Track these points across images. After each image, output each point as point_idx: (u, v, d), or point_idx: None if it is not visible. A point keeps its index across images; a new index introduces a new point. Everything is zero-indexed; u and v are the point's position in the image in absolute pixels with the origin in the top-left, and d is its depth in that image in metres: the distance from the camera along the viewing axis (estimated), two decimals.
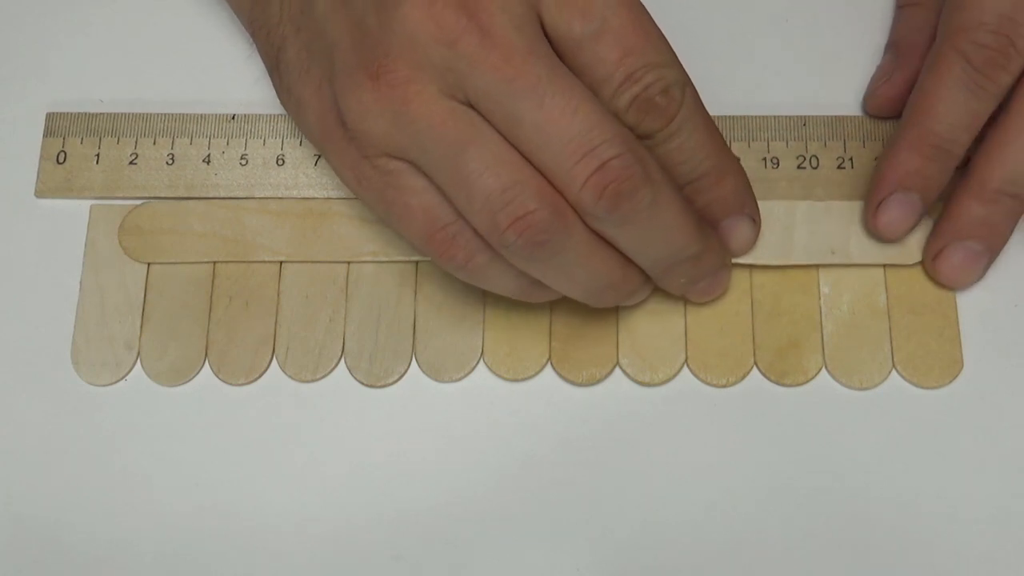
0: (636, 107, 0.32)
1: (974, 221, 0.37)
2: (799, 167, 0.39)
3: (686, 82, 0.33)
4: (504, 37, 0.31)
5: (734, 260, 0.38)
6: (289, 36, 0.35)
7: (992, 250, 0.38)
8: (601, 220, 0.32)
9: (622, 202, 0.31)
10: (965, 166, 0.38)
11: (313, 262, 0.39)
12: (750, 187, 0.36)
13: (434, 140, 0.31)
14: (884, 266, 0.38)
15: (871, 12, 0.42)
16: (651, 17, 0.33)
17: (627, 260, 0.34)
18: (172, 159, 0.40)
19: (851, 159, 0.39)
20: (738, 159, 0.36)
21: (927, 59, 0.37)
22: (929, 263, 0.38)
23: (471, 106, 0.31)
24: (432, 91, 0.31)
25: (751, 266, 0.38)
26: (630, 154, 0.31)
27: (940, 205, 0.38)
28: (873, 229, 0.38)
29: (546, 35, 0.32)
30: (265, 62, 0.37)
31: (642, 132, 0.33)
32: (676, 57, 0.33)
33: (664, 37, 0.33)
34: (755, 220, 0.37)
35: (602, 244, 0.33)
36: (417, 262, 0.39)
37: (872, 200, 0.38)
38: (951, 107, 0.36)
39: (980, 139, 0.37)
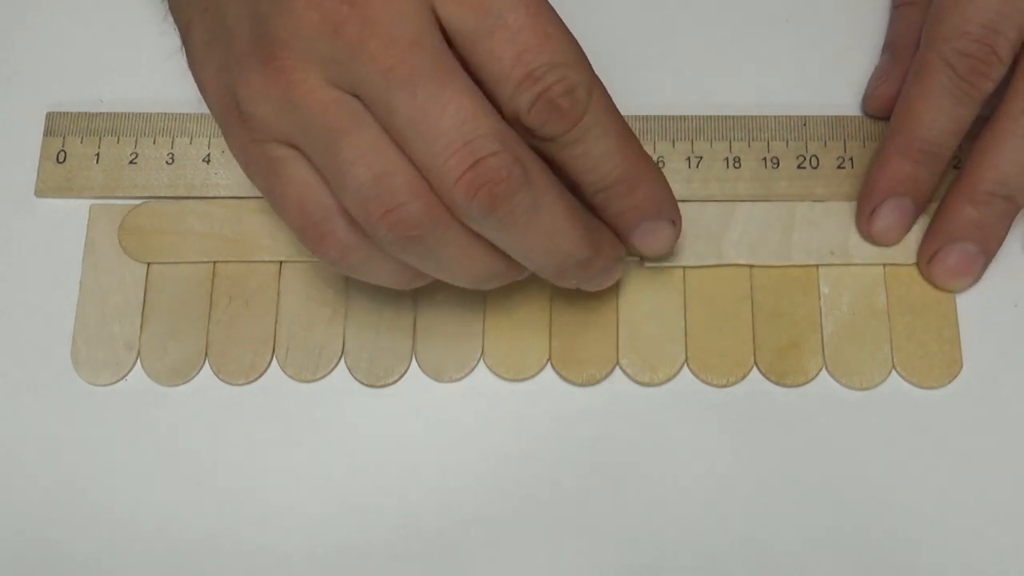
0: (538, 108, 0.30)
1: (967, 223, 0.37)
2: (799, 167, 0.39)
3: (593, 84, 0.31)
4: (385, 27, 0.30)
5: (734, 262, 0.38)
6: (195, 18, 0.35)
7: (987, 252, 0.38)
8: (476, 221, 0.31)
9: (497, 205, 0.30)
10: (959, 167, 0.38)
11: (313, 262, 0.39)
12: (669, 190, 0.34)
13: (315, 127, 0.31)
14: (884, 265, 0.38)
15: (871, 12, 0.42)
16: (556, 16, 0.31)
17: None
18: (172, 158, 0.40)
19: (851, 159, 0.39)
20: (655, 163, 0.34)
21: (912, 66, 0.38)
22: (924, 266, 0.38)
23: (356, 97, 0.31)
24: (317, 79, 0.30)
25: (751, 266, 0.38)
26: (508, 153, 0.30)
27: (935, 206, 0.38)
28: (868, 235, 0.38)
29: (442, 30, 0.31)
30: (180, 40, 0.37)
31: (544, 135, 0.31)
32: (584, 58, 0.31)
33: (571, 37, 0.31)
34: (675, 222, 0.35)
35: (481, 239, 0.32)
36: None
37: (865, 207, 0.38)
38: (937, 114, 0.37)
39: (972, 141, 0.37)
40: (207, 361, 0.38)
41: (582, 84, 0.31)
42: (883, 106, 0.39)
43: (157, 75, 0.42)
